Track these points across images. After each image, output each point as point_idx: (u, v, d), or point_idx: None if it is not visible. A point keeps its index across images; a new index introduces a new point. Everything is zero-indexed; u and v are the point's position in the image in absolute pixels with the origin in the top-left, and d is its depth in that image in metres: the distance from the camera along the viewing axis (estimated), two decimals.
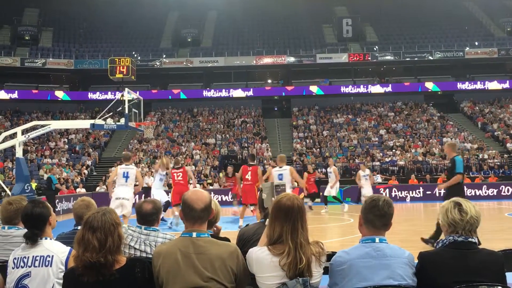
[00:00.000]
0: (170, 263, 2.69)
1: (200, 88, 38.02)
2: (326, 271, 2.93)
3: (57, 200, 18.74)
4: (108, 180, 11.08)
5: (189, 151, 30.25)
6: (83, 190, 22.94)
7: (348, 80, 38.13)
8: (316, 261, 2.74)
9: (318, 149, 30.18)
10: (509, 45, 37.22)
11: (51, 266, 2.96)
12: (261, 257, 2.74)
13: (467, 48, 36.99)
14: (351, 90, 36.80)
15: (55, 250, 3.02)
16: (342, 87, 37.01)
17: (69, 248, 3.08)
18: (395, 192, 22.64)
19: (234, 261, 2.75)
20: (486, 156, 28.12)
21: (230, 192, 18.73)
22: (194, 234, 2.77)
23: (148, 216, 3.40)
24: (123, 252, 2.92)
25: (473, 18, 42.60)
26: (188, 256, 2.69)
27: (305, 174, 17.83)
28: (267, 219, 2.98)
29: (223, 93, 36.80)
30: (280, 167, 10.92)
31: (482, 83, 36.35)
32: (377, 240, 2.77)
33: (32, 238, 3.04)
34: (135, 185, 10.69)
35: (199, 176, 26.54)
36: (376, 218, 2.79)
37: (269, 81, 40.16)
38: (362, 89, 36.78)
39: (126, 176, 10.06)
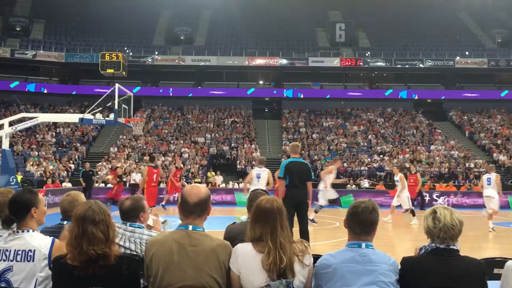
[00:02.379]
0: (165, 253, 2.71)
1: (191, 86, 37.93)
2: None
3: (42, 194, 18.54)
4: (245, 181, 13.24)
5: (178, 149, 30.16)
6: (69, 185, 22.74)
7: (339, 85, 38.31)
8: (298, 261, 2.75)
9: (307, 152, 30.26)
10: (499, 56, 37.67)
11: (33, 261, 2.90)
12: (245, 252, 2.77)
13: (458, 58, 37.37)
14: (342, 94, 36.99)
15: (37, 244, 2.95)
16: (332, 91, 37.19)
17: (51, 239, 3.02)
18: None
19: (227, 257, 2.78)
20: (472, 165, 28.41)
21: None
22: (190, 227, 2.80)
23: (127, 212, 3.42)
24: None
25: (465, 28, 43.04)
26: (183, 247, 2.72)
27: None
28: None
29: (214, 92, 36.77)
30: None
31: (471, 92, 36.74)
32: (363, 245, 2.79)
33: (7, 223, 2.94)
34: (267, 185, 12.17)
35: (187, 174, 26.47)
36: (356, 225, 2.82)
37: (261, 82, 40.20)
38: (352, 94, 36.98)
39: (258, 177, 11.85)
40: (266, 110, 39.32)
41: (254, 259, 2.73)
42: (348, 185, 25.23)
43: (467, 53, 38.21)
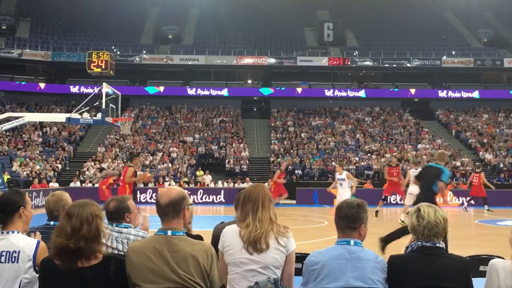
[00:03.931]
0: (144, 261, 2.69)
1: (179, 85, 37.80)
2: (299, 272, 2.98)
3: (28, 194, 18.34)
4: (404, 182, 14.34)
5: (166, 149, 30.04)
6: (56, 185, 22.55)
7: (328, 84, 38.45)
8: (274, 238, 2.93)
9: (295, 151, 30.34)
10: (485, 55, 38.11)
11: (17, 262, 2.89)
12: (230, 231, 3.05)
13: (444, 57, 37.72)
14: (330, 93, 37.14)
15: (21, 245, 2.93)
16: (321, 90, 37.32)
17: (36, 240, 3.01)
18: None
19: (208, 261, 2.77)
20: (458, 164, 28.70)
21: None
22: (169, 232, 2.79)
23: (111, 214, 3.45)
24: None
25: (452, 28, 43.47)
26: (162, 254, 2.70)
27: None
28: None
29: (203, 92, 36.69)
30: None
31: (458, 92, 37.12)
32: (352, 242, 2.82)
33: None
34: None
35: (175, 174, 26.39)
36: (340, 220, 2.88)
37: (249, 81, 40.19)
38: (341, 93, 37.14)
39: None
40: (255, 109, 39.32)
41: (235, 234, 3.00)
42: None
43: (453, 52, 38.58)
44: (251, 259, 2.88)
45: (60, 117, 20.92)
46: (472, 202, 19.00)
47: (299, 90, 36.89)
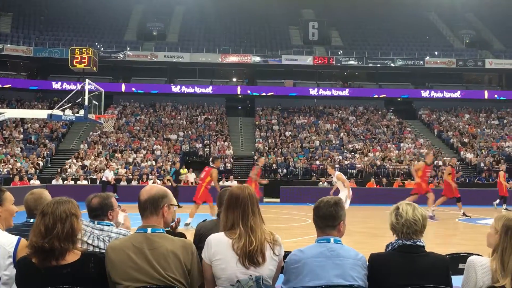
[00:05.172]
0: (124, 259, 2.68)
1: (164, 83, 37.59)
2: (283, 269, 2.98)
3: None
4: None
5: (150, 146, 29.86)
6: (37, 182, 22.26)
7: (312, 83, 38.60)
8: (269, 248, 2.79)
9: (279, 150, 30.41)
10: (467, 56, 38.65)
11: None
12: (218, 240, 2.80)
13: (427, 57, 38.15)
14: (315, 92, 37.30)
15: (1, 242, 2.89)
16: (305, 89, 37.45)
17: (17, 237, 2.96)
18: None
19: (189, 257, 2.76)
20: (440, 163, 29.06)
21: None
22: (149, 230, 2.78)
23: (93, 211, 3.41)
24: None
25: (435, 28, 43.97)
26: (142, 251, 2.69)
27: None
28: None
29: (187, 89, 36.53)
30: None
31: (440, 92, 37.60)
32: (332, 240, 2.84)
33: None
34: None
35: (159, 171, 26.24)
36: (318, 219, 2.90)
37: (234, 79, 40.14)
38: (325, 92, 37.32)
39: None
40: (239, 108, 39.30)
41: (227, 246, 2.76)
42: (320, 183, 25.46)
43: (436, 53, 39.06)
44: (248, 274, 2.71)
45: (41, 113, 20.64)
46: (497, 201, 18.95)
47: (288, 84, 36.99)
